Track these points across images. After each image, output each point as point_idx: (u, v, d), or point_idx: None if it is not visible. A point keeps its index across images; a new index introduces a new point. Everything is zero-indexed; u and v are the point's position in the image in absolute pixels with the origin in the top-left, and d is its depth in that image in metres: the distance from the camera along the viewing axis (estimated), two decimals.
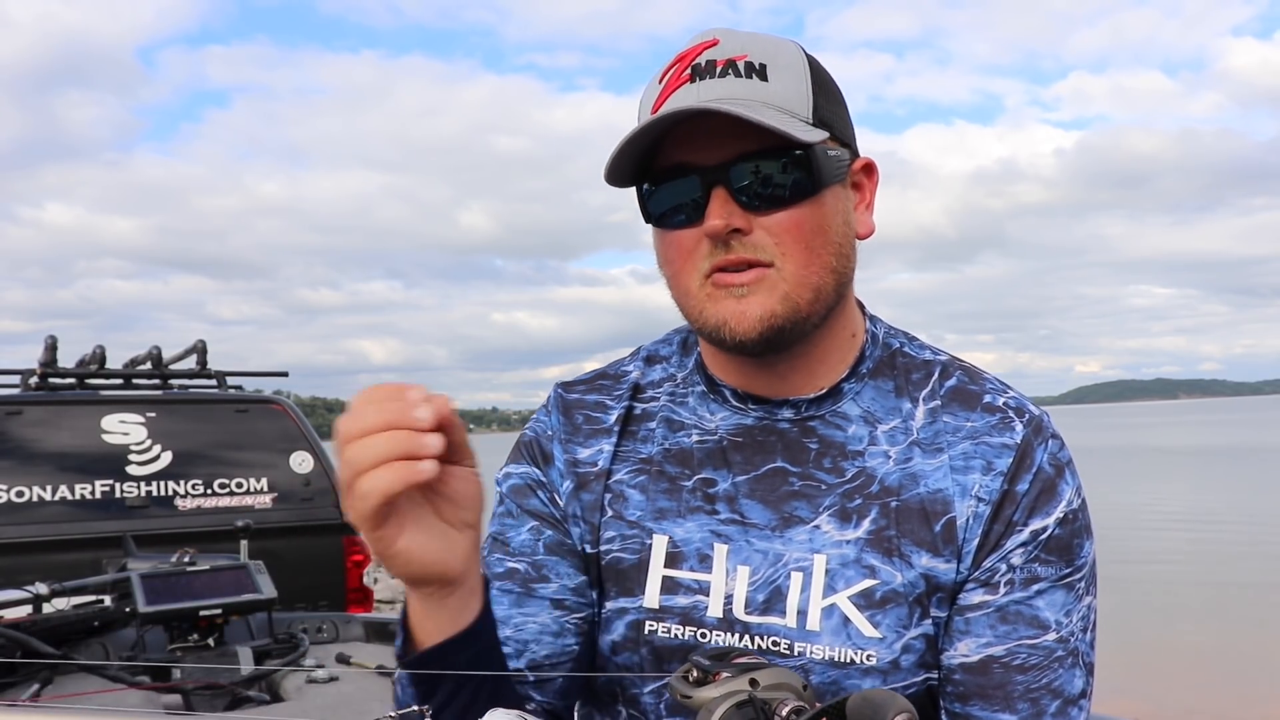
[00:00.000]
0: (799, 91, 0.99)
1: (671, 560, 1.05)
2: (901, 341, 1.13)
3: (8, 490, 4.57)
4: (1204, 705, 6.93)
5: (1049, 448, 1.04)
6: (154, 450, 4.92)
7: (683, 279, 1.02)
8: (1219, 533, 16.85)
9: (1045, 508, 1.01)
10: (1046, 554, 1.00)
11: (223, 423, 5.17)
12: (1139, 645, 9.02)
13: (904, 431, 1.06)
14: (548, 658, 1.08)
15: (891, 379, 1.09)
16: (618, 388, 1.17)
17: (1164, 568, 13.70)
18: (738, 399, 1.10)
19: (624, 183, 1.02)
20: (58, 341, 5.11)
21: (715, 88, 0.96)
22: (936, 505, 1.02)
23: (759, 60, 0.98)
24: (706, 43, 1.00)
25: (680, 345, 1.19)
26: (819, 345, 1.06)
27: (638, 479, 1.11)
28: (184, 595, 2.81)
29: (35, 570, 3.34)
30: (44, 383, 5.02)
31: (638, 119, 1.03)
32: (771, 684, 0.67)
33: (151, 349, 5.43)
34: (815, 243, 0.99)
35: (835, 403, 1.08)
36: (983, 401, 1.07)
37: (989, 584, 1.00)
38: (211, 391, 5.46)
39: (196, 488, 4.96)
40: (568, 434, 1.15)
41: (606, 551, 1.09)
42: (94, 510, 4.71)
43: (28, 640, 2.54)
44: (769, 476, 1.06)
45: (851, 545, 1.01)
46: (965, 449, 1.04)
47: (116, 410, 4.92)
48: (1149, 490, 24.79)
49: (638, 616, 1.06)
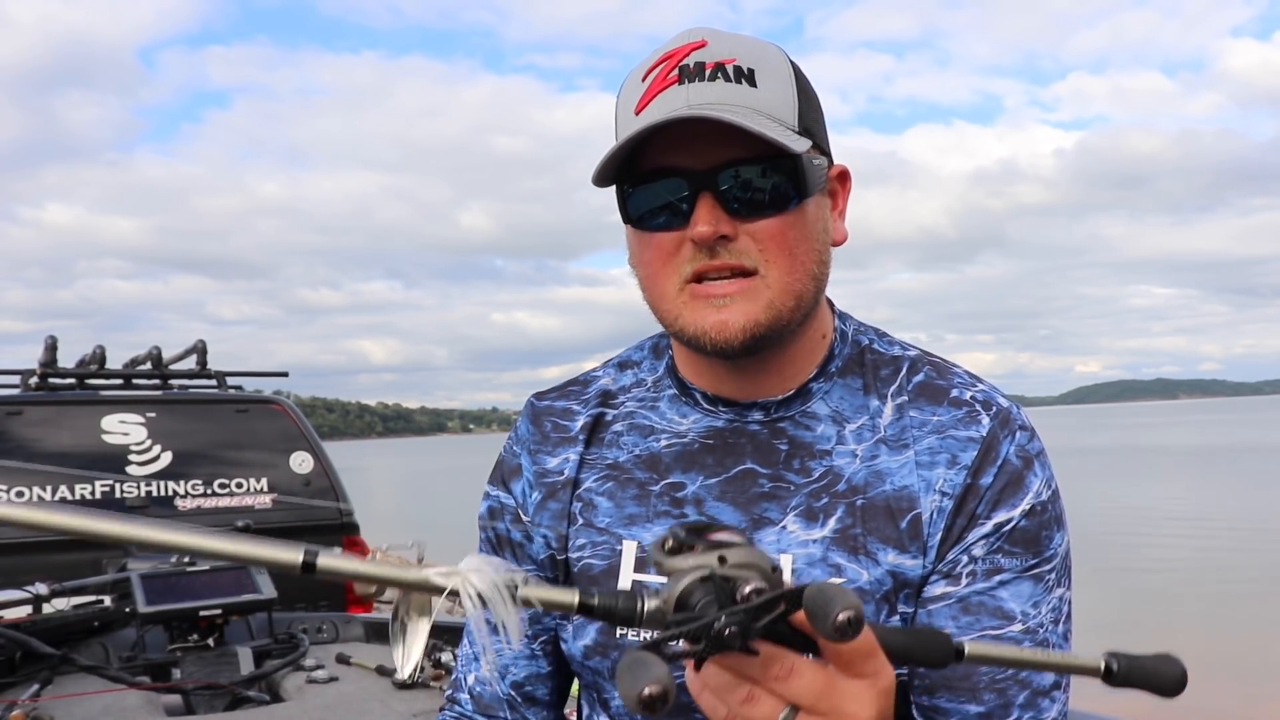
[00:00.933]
0: (786, 98, 0.99)
1: (641, 565, 1.06)
2: (871, 338, 1.13)
3: (8, 490, 4.57)
4: (1204, 705, 6.92)
5: (1016, 439, 1.03)
6: (154, 450, 4.92)
7: (660, 281, 1.01)
8: (1219, 532, 16.85)
9: (1011, 500, 1.00)
10: (1011, 545, 0.99)
11: (223, 423, 5.17)
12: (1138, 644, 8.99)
13: (871, 429, 1.06)
14: (527, 679, 1.15)
15: (860, 376, 1.09)
16: (585, 393, 1.18)
17: (1164, 567, 13.70)
18: (709, 401, 1.10)
19: (606, 182, 1.01)
20: (58, 341, 5.12)
21: (705, 91, 0.96)
22: (902, 502, 1.01)
23: (747, 65, 0.98)
24: (694, 43, 0.99)
25: (651, 350, 1.19)
26: (790, 347, 1.07)
27: (605, 485, 1.11)
28: (184, 595, 2.82)
29: (35, 570, 3.34)
30: (44, 383, 5.02)
31: (615, 115, 1.03)
32: (739, 563, 0.67)
33: (151, 349, 5.43)
34: (799, 250, 0.99)
35: (804, 403, 1.08)
36: (950, 395, 1.06)
37: (950, 575, 1.00)
38: (211, 391, 5.46)
39: (196, 488, 4.96)
40: (536, 443, 1.16)
41: (577, 559, 1.10)
42: (94, 510, 4.71)
43: (28, 640, 2.54)
44: (739, 478, 1.06)
45: (817, 544, 1.01)
46: (931, 444, 1.03)
47: (116, 410, 4.92)
48: (1149, 490, 24.79)
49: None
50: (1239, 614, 10.71)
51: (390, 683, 2.61)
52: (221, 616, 2.83)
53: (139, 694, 2.47)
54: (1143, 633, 9.57)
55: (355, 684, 2.64)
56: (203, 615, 2.80)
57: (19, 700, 2.33)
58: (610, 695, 1.07)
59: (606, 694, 1.08)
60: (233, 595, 2.87)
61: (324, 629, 3.16)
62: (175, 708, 2.48)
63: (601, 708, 1.10)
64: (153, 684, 2.55)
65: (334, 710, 2.43)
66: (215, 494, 5.00)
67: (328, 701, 2.50)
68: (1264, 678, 8.23)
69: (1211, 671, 8.34)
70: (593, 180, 1.00)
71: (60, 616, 2.77)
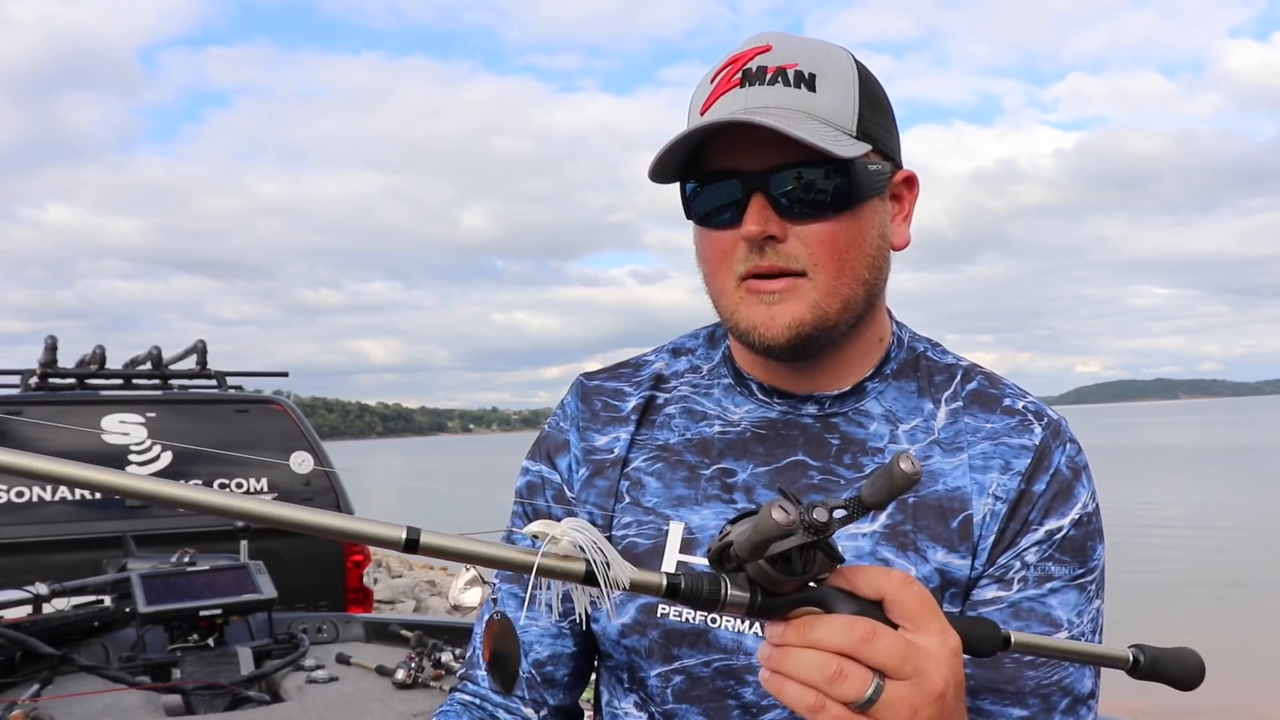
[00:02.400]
0: (846, 103, 1.00)
1: (687, 546, 1.07)
2: (926, 346, 1.16)
3: (8, 490, 4.57)
4: (1204, 704, 6.92)
5: (1067, 451, 1.05)
6: (154, 450, 4.92)
7: (719, 278, 1.04)
8: (1219, 532, 16.86)
9: (1061, 509, 1.03)
10: (1061, 554, 1.02)
11: (223, 423, 5.17)
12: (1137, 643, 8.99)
13: (925, 430, 1.07)
14: (550, 658, 1.14)
15: (915, 380, 1.11)
16: (637, 376, 1.20)
17: (1164, 567, 13.70)
18: (763, 392, 1.12)
19: (668, 179, 1.04)
20: (58, 342, 5.11)
21: (763, 95, 0.98)
22: (954, 503, 1.03)
23: (809, 70, 0.99)
24: (759, 48, 1.01)
25: (707, 339, 1.21)
26: (846, 349, 1.08)
27: (655, 466, 1.12)
28: (184, 595, 2.82)
29: (35, 570, 3.34)
30: (44, 383, 5.02)
31: (688, 114, 1.05)
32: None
33: (151, 349, 5.43)
34: (848, 255, 1.01)
35: (858, 400, 1.10)
36: (1003, 404, 1.09)
37: (1003, 580, 1.01)
38: (211, 391, 5.46)
39: (197, 488, 4.96)
40: (585, 420, 1.18)
41: (622, 537, 1.10)
42: (94, 510, 4.71)
43: (28, 640, 2.54)
44: (790, 469, 1.07)
45: (866, 538, 1.02)
46: (984, 449, 1.05)
47: (116, 410, 4.92)
48: (1149, 490, 24.79)
49: (650, 600, 1.07)
50: (1239, 612, 10.71)
51: (390, 683, 2.61)
52: (221, 616, 2.83)
53: (139, 694, 2.47)
54: (1143, 632, 9.55)
55: (355, 684, 2.65)
56: (203, 615, 2.80)
57: (19, 700, 2.33)
58: (646, 673, 1.07)
59: (643, 672, 1.08)
60: (232, 595, 2.87)
61: (324, 629, 3.16)
62: (175, 708, 2.48)
63: (636, 687, 1.09)
64: (153, 684, 2.55)
65: (334, 710, 2.43)
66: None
67: (328, 701, 2.50)
68: (1264, 677, 8.23)
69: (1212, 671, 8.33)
70: (649, 176, 1.02)
71: (60, 616, 2.77)
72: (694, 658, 1.04)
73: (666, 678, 1.05)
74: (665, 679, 1.05)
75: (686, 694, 1.04)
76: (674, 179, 1.05)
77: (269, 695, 2.62)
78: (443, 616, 7.10)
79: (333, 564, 5.14)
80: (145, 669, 2.66)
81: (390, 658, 2.81)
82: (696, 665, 1.04)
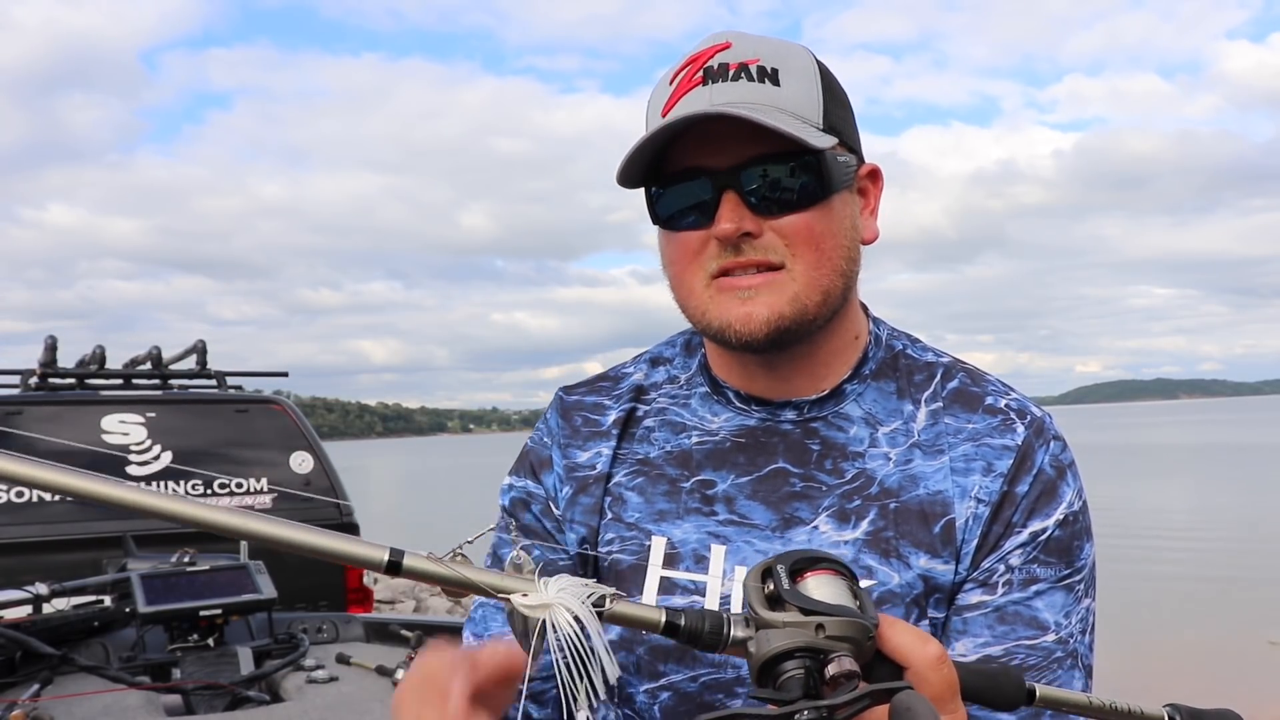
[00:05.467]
0: (810, 97, 0.99)
1: (669, 561, 1.06)
2: (904, 344, 1.14)
3: (8, 490, 4.57)
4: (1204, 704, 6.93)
5: (1050, 449, 1.04)
6: (154, 450, 4.91)
7: (687, 279, 1.02)
8: (1219, 532, 16.85)
9: (1045, 509, 1.01)
10: (1046, 555, 1.00)
11: (223, 422, 5.16)
12: (1138, 644, 9.02)
13: (905, 433, 1.06)
14: (538, 672, 1.10)
15: (894, 380, 1.10)
16: (617, 389, 1.18)
17: (1164, 567, 13.70)
18: (741, 400, 1.10)
19: (634, 184, 1.03)
20: (58, 342, 5.11)
21: (728, 91, 0.97)
22: (936, 507, 1.02)
23: (771, 65, 0.98)
24: (718, 45, 1.00)
25: (684, 347, 1.19)
26: (823, 347, 1.07)
27: (636, 481, 1.11)
28: (184, 595, 2.82)
29: (35, 570, 3.34)
30: (44, 383, 5.01)
31: (646, 120, 1.03)
32: (836, 635, 0.68)
33: (151, 349, 5.42)
34: (825, 246, 1.00)
35: (837, 404, 1.08)
36: (984, 403, 1.07)
37: (987, 584, 1.00)
38: (211, 391, 5.45)
39: (196, 488, 4.95)
40: (566, 437, 1.16)
41: (606, 554, 1.09)
42: (94, 510, 4.70)
43: (28, 640, 2.54)
44: (771, 477, 1.06)
45: (849, 546, 1.01)
46: (966, 450, 1.04)
47: (116, 410, 4.92)
48: (1149, 490, 24.78)
49: None
50: (1239, 613, 10.71)
51: (390, 683, 2.61)
52: (221, 616, 2.83)
53: (139, 694, 2.47)
54: (1142, 631, 9.57)
55: (355, 684, 2.65)
56: (203, 615, 2.79)
57: (19, 700, 2.33)
58: (634, 690, 1.06)
59: (630, 689, 1.07)
60: (232, 595, 2.87)
61: (324, 629, 3.16)
62: (175, 708, 2.48)
63: (623, 704, 1.08)
64: (153, 684, 2.55)
65: (334, 710, 2.43)
66: (215, 494, 5.00)
67: (328, 701, 2.50)
68: (1264, 677, 8.23)
69: (1212, 670, 8.34)
70: (617, 180, 1.01)
71: (60, 616, 2.77)
72: (681, 673, 1.03)
73: (654, 694, 1.04)
74: (652, 695, 1.04)
75: (674, 710, 1.03)
76: (639, 184, 1.03)
77: (269, 695, 2.62)
78: (443, 616, 7.09)
79: (333, 564, 5.13)
80: (145, 669, 2.66)
81: (390, 658, 2.81)
82: (683, 681, 1.03)
